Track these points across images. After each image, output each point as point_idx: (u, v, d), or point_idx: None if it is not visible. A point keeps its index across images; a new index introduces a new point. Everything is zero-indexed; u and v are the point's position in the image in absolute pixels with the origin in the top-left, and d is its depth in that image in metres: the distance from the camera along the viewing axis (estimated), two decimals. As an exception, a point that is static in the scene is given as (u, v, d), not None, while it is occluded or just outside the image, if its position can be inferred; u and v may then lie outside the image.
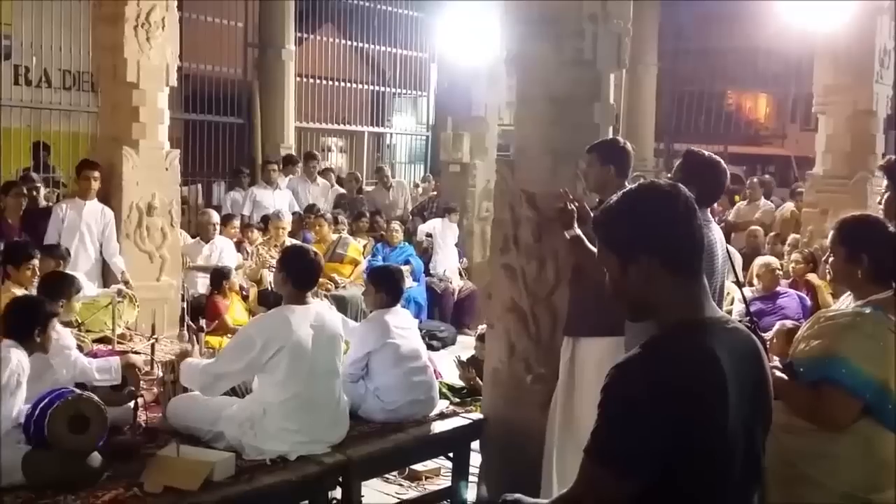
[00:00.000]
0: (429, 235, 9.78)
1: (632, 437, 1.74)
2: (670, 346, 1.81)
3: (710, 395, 1.76)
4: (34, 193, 7.47)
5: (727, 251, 3.92)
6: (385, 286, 4.64)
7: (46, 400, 3.43)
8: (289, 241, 8.03)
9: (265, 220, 8.70)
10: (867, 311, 2.82)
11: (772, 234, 8.93)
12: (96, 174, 6.70)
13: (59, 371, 4.05)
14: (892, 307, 2.82)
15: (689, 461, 1.74)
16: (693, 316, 1.86)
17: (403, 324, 4.61)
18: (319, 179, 10.53)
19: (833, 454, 2.76)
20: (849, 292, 3.04)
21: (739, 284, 4.40)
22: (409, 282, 7.75)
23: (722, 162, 3.80)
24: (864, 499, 2.75)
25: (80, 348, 4.87)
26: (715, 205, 10.62)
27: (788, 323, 5.72)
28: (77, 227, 6.62)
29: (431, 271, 9.52)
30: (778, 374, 2.89)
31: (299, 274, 3.95)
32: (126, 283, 6.43)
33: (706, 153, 3.87)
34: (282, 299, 4.04)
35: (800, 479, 2.78)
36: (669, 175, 4.24)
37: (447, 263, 9.64)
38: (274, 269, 5.06)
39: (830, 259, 3.02)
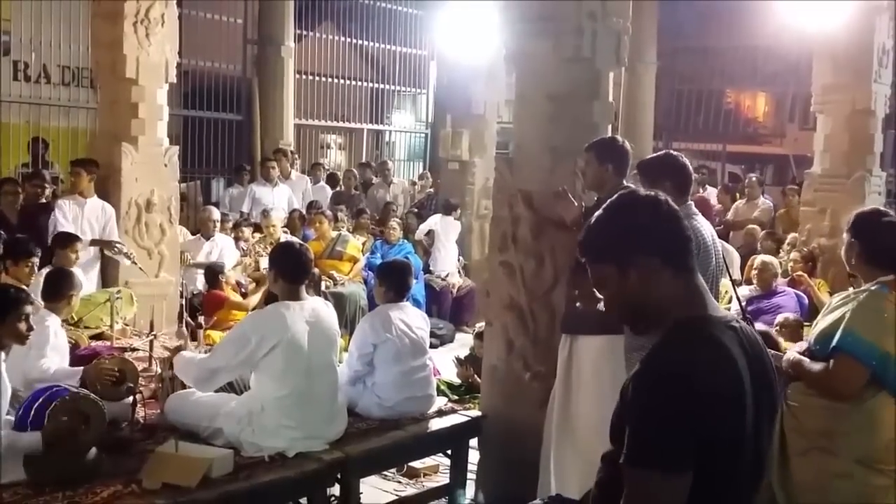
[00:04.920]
0: (428, 234, 9.77)
1: (667, 433, 1.74)
2: (683, 342, 1.82)
3: (729, 387, 1.78)
4: (38, 191, 7.45)
5: (722, 248, 3.96)
6: (388, 281, 4.65)
7: (43, 398, 3.43)
8: (284, 238, 8.04)
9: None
10: (873, 288, 3.08)
11: (764, 231, 8.91)
12: (82, 171, 6.67)
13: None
14: (894, 285, 3.08)
15: (709, 452, 1.75)
16: (698, 313, 1.88)
17: (411, 321, 4.60)
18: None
19: (845, 430, 3.03)
20: (851, 289, 3.33)
21: (734, 282, 4.43)
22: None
23: (671, 152, 4.07)
24: (876, 468, 3.01)
25: (76, 345, 4.88)
26: (716, 203, 10.72)
27: (791, 315, 5.87)
28: (78, 224, 6.61)
29: (431, 268, 9.53)
30: (797, 355, 3.20)
31: (288, 268, 3.96)
32: (127, 255, 6.48)
33: (654, 155, 4.12)
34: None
35: (816, 450, 3.08)
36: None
37: (448, 262, 9.65)
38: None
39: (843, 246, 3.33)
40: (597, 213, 1.98)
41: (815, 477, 3.07)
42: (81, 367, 4.13)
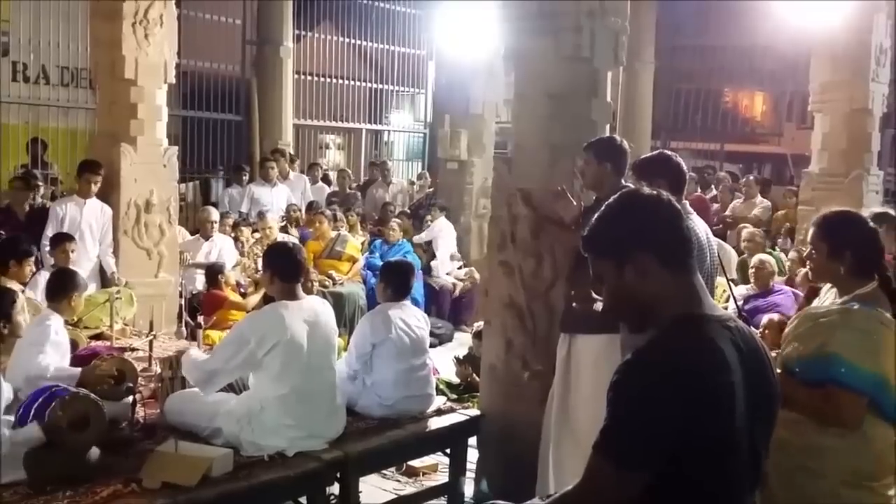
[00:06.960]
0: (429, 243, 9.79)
1: (641, 430, 1.76)
2: (673, 339, 1.83)
3: (716, 385, 1.78)
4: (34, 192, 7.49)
5: (717, 247, 3.96)
6: (389, 281, 4.66)
7: (43, 398, 3.43)
8: (281, 238, 8.05)
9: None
10: (855, 306, 2.82)
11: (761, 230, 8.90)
12: (98, 178, 6.67)
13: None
14: (877, 299, 2.84)
15: (696, 451, 1.76)
16: (693, 311, 1.89)
17: (410, 320, 4.61)
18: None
19: (832, 447, 2.79)
20: (828, 286, 3.06)
21: (731, 282, 4.42)
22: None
23: (665, 151, 4.06)
24: (864, 486, 2.79)
25: (75, 345, 4.88)
26: (715, 204, 10.72)
27: (776, 316, 5.80)
28: (78, 225, 6.61)
29: (435, 274, 9.52)
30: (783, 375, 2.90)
31: (283, 268, 3.95)
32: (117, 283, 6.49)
33: (648, 154, 4.10)
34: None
35: (800, 469, 2.83)
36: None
37: (450, 263, 9.66)
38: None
39: (812, 255, 2.99)
40: (601, 210, 1.99)
41: (802, 497, 2.84)
42: (79, 369, 4.13)
